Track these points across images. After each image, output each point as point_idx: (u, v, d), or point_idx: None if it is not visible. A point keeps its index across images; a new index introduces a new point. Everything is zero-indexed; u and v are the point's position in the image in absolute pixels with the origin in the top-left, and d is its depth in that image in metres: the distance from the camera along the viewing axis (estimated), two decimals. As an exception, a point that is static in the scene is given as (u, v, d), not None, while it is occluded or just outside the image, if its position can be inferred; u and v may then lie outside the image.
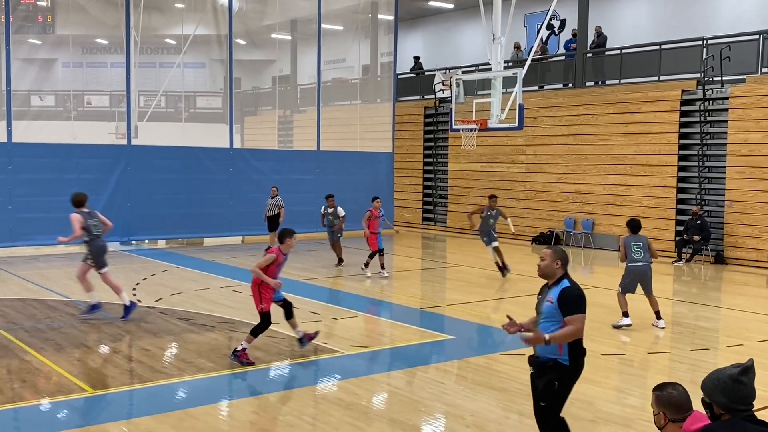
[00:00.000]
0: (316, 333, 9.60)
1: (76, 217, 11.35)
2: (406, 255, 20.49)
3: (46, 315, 11.49)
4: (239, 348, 8.90)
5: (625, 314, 11.17)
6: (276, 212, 19.00)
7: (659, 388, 4.33)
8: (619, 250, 11.31)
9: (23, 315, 11.44)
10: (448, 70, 21.19)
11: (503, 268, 15.67)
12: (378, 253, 15.65)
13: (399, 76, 26.52)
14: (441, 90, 19.70)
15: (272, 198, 19.18)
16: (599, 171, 21.25)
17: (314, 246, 20.81)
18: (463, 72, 19.91)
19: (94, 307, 11.37)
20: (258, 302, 9.02)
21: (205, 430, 6.78)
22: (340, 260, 17.25)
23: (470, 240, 23.59)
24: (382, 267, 15.62)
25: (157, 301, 12.71)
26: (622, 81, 21.39)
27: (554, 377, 5.46)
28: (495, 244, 15.93)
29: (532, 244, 22.34)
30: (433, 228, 26.37)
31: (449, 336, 10.96)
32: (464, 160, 24.90)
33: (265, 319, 9.00)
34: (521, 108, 16.40)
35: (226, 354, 9.45)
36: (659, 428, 4.29)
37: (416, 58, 28.60)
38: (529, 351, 5.56)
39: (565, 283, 5.49)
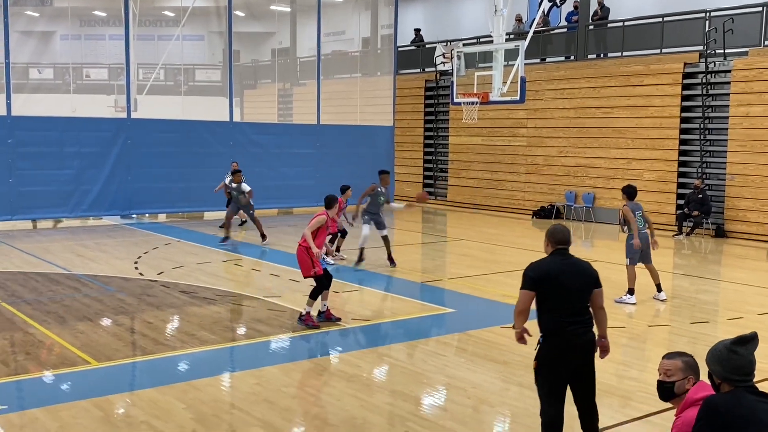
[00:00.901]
0: (339, 318, 9.68)
1: None
2: (406, 229, 20.51)
3: (48, 288, 11.53)
4: (303, 313, 9.31)
5: (632, 291, 11.04)
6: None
7: (682, 355, 4.33)
8: (623, 221, 11.05)
9: (26, 288, 11.48)
10: (449, 43, 21.03)
11: (392, 261, 13.83)
12: (340, 235, 14.57)
13: (399, 49, 26.35)
14: (442, 63, 19.59)
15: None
16: (601, 144, 21.20)
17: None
18: (464, 44, 19.78)
19: None
20: (311, 267, 9.31)
21: (209, 401, 6.83)
22: (263, 236, 16.51)
23: (471, 214, 23.60)
24: (338, 250, 14.43)
25: (159, 274, 12.75)
26: (624, 53, 21.26)
27: (535, 357, 5.44)
28: (384, 232, 13.87)
29: (532, 218, 22.35)
30: (433, 202, 26.36)
31: (450, 309, 11.01)
32: (465, 134, 24.83)
33: (324, 278, 9.40)
34: (523, 81, 16.32)
35: (228, 326, 9.51)
36: (678, 395, 4.26)
37: (417, 31, 28.39)
38: (528, 324, 5.56)
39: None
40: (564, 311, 5.31)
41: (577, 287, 5.38)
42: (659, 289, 11.29)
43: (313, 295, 9.38)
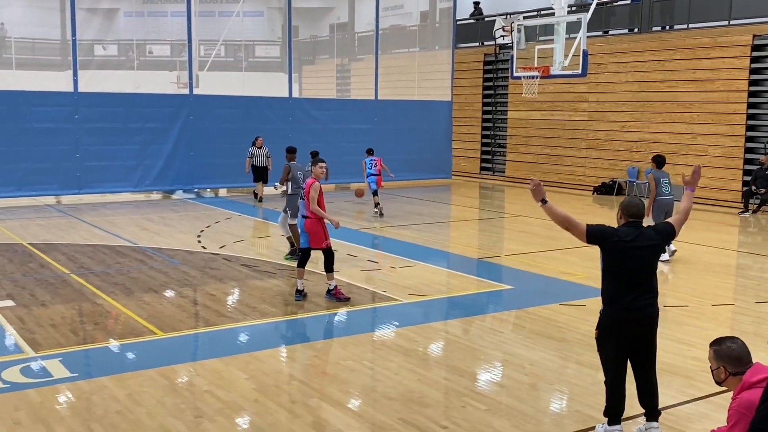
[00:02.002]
0: (348, 299, 9.58)
1: None
2: (463, 205, 20.44)
3: (115, 260, 11.89)
4: (331, 288, 9.48)
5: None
6: (265, 163, 19.23)
7: (717, 343, 4.31)
8: (648, 186, 11.86)
9: (93, 260, 11.86)
10: (509, 16, 20.77)
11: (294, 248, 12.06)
12: None
13: (458, 23, 26.06)
14: (501, 36, 19.34)
15: (259, 148, 19.29)
16: (665, 119, 20.68)
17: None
18: (524, 17, 19.49)
19: None
20: (323, 239, 9.41)
21: (270, 372, 6.99)
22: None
23: (529, 190, 23.31)
24: None
25: (221, 248, 13.02)
26: (691, 26, 20.61)
27: (596, 325, 5.56)
28: (295, 221, 11.56)
29: (593, 194, 22.00)
30: (491, 178, 26.17)
31: (507, 286, 10.96)
32: (524, 108, 24.52)
33: (332, 253, 9.53)
34: (585, 54, 16.03)
35: (288, 300, 9.67)
36: (719, 383, 4.29)
37: (476, 4, 28.00)
38: (588, 302, 5.52)
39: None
40: (627, 281, 5.36)
41: (644, 256, 5.40)
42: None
43: (330, 268, 9.47)
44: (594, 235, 5.39)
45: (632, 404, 5.70)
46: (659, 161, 12.33)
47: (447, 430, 5.79)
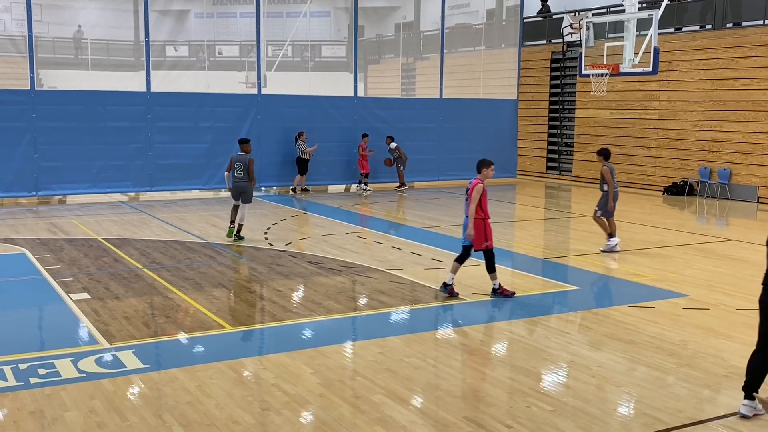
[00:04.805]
0: (513, 293, 9.81)
1: None
2: (528, 204, 20.23)
3: (185, 256, 12.19)
4: (496, 287, 9.69)
5: (611, 235, 12.76)
6: (308, 156, 20.33)
7: None
8: (602, 180, 12.80)
9: (165, 255, 12.18)
10: (577, 13, 20.45)
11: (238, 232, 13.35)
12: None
13: (525, 20, 25.80)
14: (570, 34, 19.09)
15: (303, 142, 20.13)
16: (738, 118, 20.07)
17: (436, 194, 20.92)
18: (593, 14, 19.16)
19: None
20: (484, 240, 9.52)
21: (335, 368, 7.07)
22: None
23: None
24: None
25: (287, 245, 13.21)
26: (766, 22, 19.95)
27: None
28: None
29: (663, 194, 21.50)
30: (557, 177, 25.83)
31: (574, 287, 10.81)
32: (592, 107, 24.12)
33: (492, 253, 9.66)
34: (656, 51, 15.66)
35: (352, 297, 9.75)
36: None
37: (543, 1, 27.68)
38: (658, 303, 5.41)
39: None
40: None
41: None
42: (611, 237, 12.76)
43: (492, 268, 9.63)
44: None
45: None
46: (607, 154, 12.99)
47: (511, 430, 5.76)
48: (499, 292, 9.70)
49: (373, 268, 11.45)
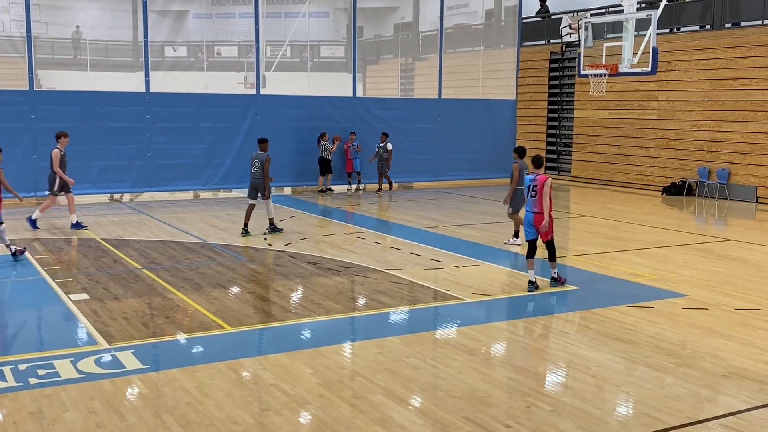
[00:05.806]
0: (565, 280, 10.45)
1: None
2: (528, 204, 20.21)
3: (184, 256, 12.19)
4: (555, 276, 10.32)
5: (517, 234, 13.26)
6: (328, 156, 20.83)
7: None
8: (512, 177, 12.98)
9: (164, 256, 12.18)
10: (576, 13, 20.47)
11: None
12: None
13: (524, 21, 25.81)
14: (568, 34, 19.11)
15: (328, 141, 20.56)
16: (737, 118, 20.09)
17: (435, 194, 20.92)
18: (592, 14, 19.16)
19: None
20: (550, 232, 10.10)
21: (334, 368, 7.07)
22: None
23: (596, 190, 22.98)
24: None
25: (286, 245, 13.21)
26: (765, 22, 19.97)
27: None
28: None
29: (662, 194, 21.51)
30: (556, 177, 25.82)
31: (573, 287, 10.81)
32: (591, 107, 24.14)
33: (554, 245, 10.26)
34: (655, 51, 15.68)
35: (351, 297, 9.75)
36: None
37: (542, 1, 27.68)
38: (657, 303, 5.42)
39: None
40: None
41: None
42: (516, 236, 13.26)
43: (554, 257, 10.26)
44: None
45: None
46: (522, 152, 13.24)
47: (511, 430, 5.76)
48: (557, 281, 10.32)
49: (373, 268, 11.45)
